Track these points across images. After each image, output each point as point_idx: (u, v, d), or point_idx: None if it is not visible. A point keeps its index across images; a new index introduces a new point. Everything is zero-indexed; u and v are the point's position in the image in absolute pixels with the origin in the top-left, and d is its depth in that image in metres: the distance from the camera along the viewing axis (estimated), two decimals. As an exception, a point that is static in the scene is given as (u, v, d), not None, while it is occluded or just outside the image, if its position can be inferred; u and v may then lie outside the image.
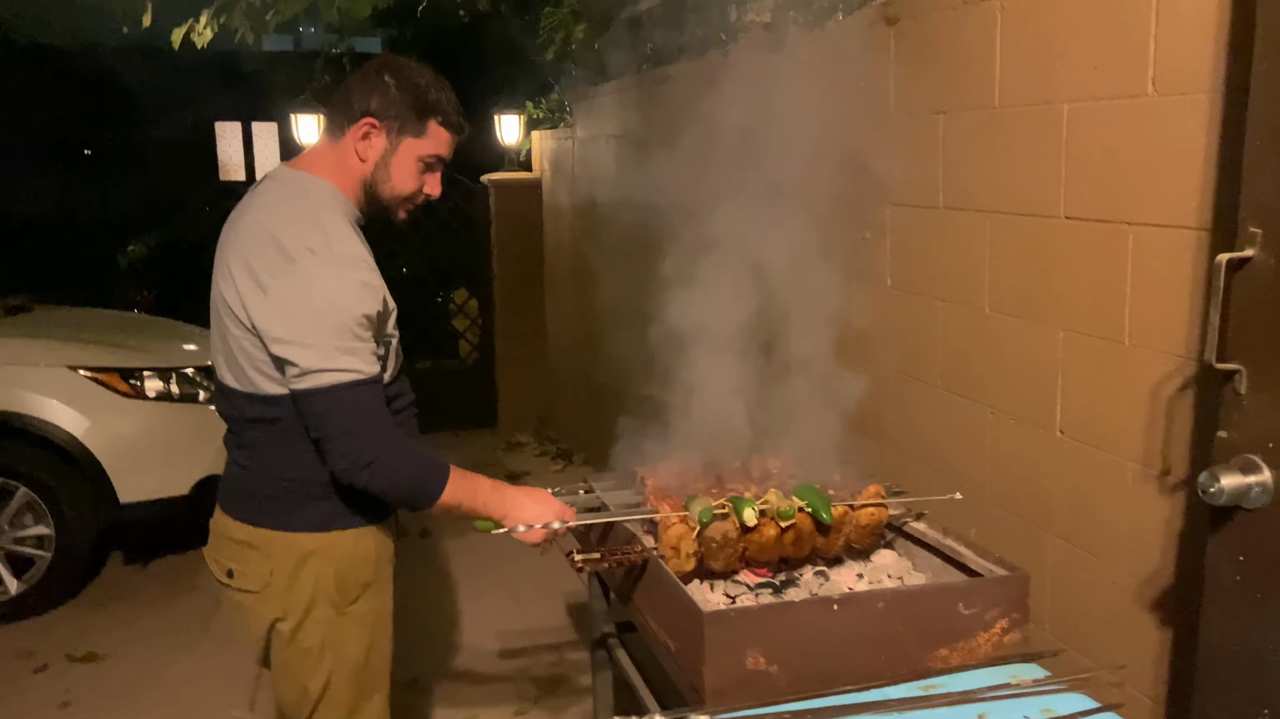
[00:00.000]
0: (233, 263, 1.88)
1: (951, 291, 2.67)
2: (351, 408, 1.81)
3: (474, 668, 3.72)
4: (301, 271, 1.80)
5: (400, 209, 2.03)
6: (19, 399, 4.10)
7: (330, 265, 1.82)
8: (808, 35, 3.30)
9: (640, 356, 2.74)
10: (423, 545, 4.92)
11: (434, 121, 1.95)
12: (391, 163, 1.95)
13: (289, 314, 1.80)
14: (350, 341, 1.81)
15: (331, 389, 1.79)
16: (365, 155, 1.94)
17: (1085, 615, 2.27)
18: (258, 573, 1.96)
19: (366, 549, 2.01)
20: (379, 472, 1.83)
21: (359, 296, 1.82)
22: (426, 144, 1.96)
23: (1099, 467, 2.19)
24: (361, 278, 1.84)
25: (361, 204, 2.00)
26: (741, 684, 1.66)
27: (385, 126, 1.93)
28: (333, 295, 1.80)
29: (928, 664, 1.76)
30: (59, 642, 3.94)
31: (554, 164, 6.73)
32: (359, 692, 2.05)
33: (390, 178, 1.96)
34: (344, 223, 1.91)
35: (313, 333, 1.79)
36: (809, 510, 2.00)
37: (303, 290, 1.80)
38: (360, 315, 1.82)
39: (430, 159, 1.99)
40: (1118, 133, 2.07)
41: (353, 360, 1.81)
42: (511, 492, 2.03)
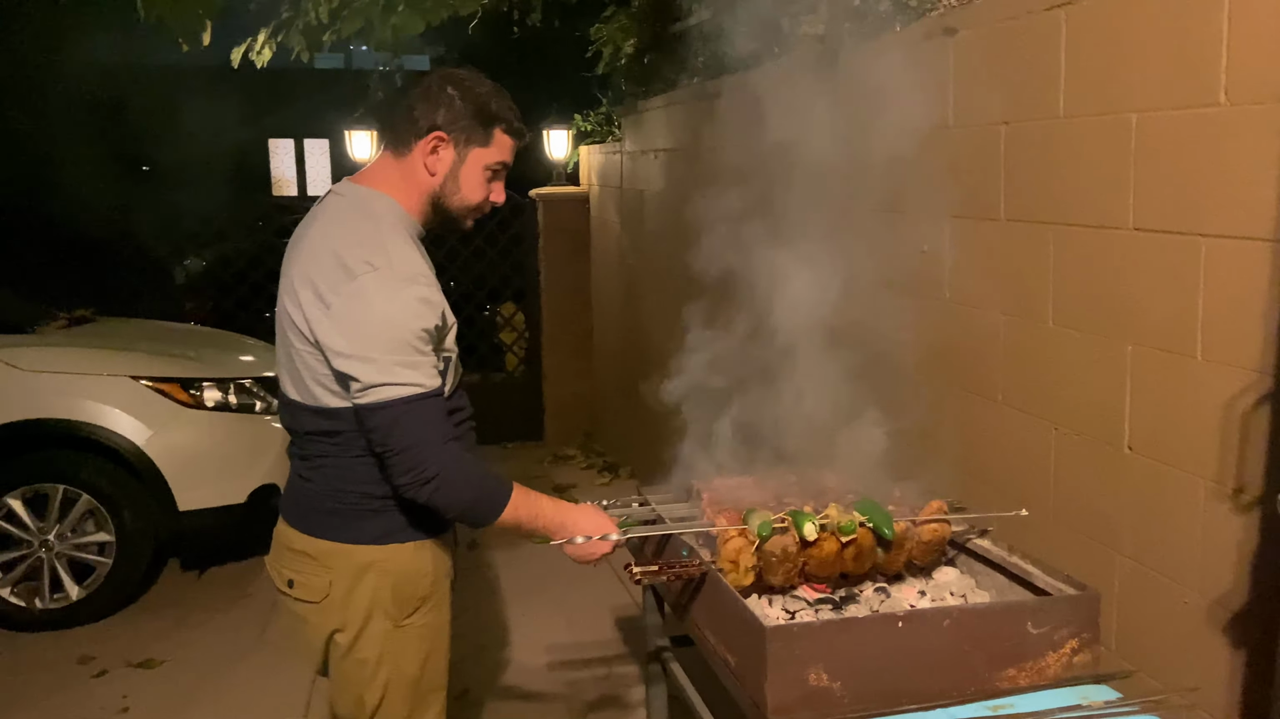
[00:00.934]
0: (297, 278, 1.90)
1: (1013, 305, 2.63)
2: (413, 422, 1.82)
3: (523, 682, 3.72)
4: (362, 287, 1.82)
5: (468, 219, 2.05)
6: (83, 408, 4.19)
7: (390, 281, 1.83)
8: (863, 47, 3.28)
9: (689, 370, 2.73)
10: (472, 558, 4.94)
11: (499, 130, 1.97)
12: (461, 174, 1.97)
13: (350, 329, 1.82)
14: (411, 356, 1.82)
15: (393, 404, 1.81)
16: (434, 169, 1.96)
17: (1154, 637, 2.21)
18: (317, 584, 1.98)
19: (424, 563, 2.02)
20: (442, 487, 1.84)
21: (418, 312, 1.84)
22: (492, 152, 1.98)
23: (1169, 484, 2.13)
24: (421, 293, 1.86)
25: (426, 217, 2.02)
26: (804, 701, 1.63)
27: (453, 139, 1.95)
28: (392, 311, 1.82)
29: (995, 684, 1.73)
30: (118, 647, 4.01)
31: (602, 178, 6.76)
32: (414, 704, 2.05)
33: (460, 189, 1.98)
34: (405, 239, 1.92)
35: (374, 347, 1.80)
36: (870, 526, 1.98)
37: (363, 306, 1.81)
38: (420, 330, 1.83)
39: (496, 167, 2.01)
40: (1189, 143, 2.03)
41: (413, 374, 1.82)
42: (571, 511, 2.03)
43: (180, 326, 5.79)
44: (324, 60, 20.58)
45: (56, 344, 4.52)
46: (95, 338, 4.78)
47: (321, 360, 1.88)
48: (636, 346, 5.88)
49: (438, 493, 1.84)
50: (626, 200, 6.21)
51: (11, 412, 4.10)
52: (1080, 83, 2.33)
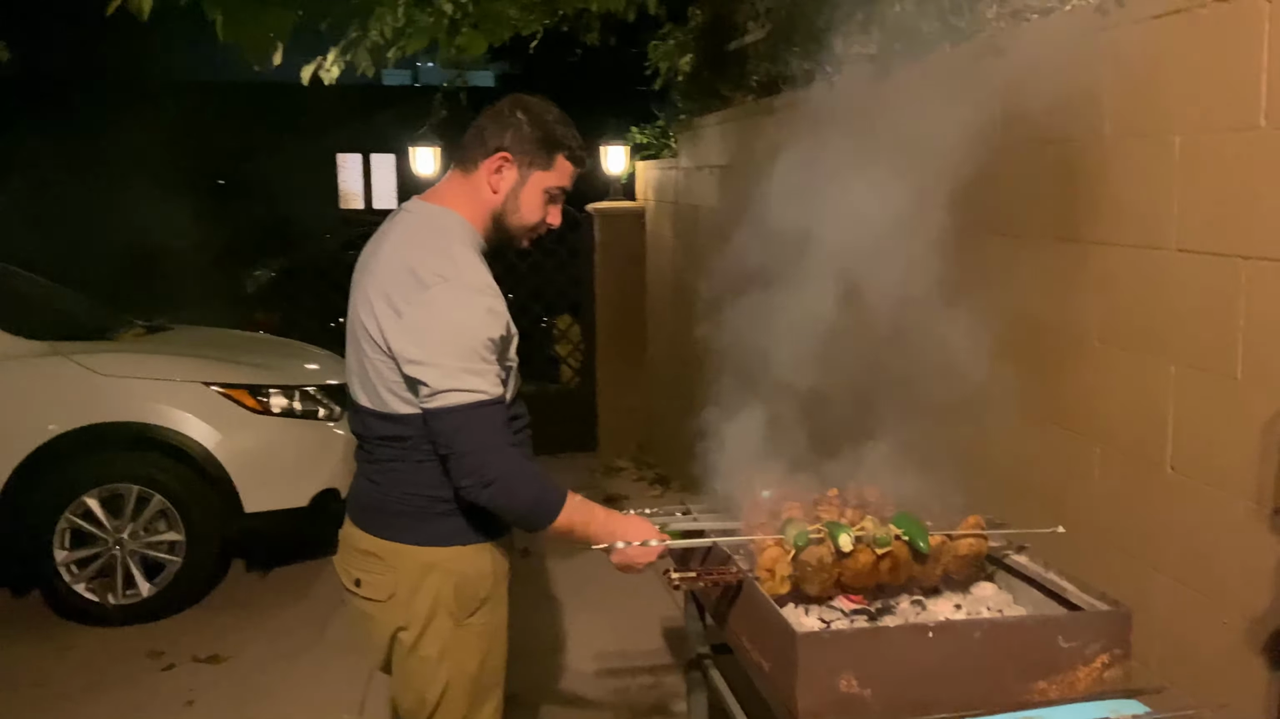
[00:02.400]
0: (371, 290, 2.01)
1: (1057, 323, 2.64)
2: (477, 427, 1.91)
3: (572, 687, 3.79)
4: (433, 298, 1.91)
5: (524, 238, 2.14)
6: (157, 412, 4.38)
7: (460, 292, 1.93)
8: (913, 66, 3.32)
9: (741, 384, 2.79)
10: (524, 565, 5.03)
11: (561, 156, 2.07)
12: (521, 194, 2.07)
13: (421, 337, 1.91)
14: (477, 364, 1.91)
15: (459, 409, 1.90)
16: (497, 188, 2.06)
17: (1194, 655, 2.21)
18: (383, 583, 2.07)
19: (484, 564, 2.10)
20: (501, 490, 1.92)
21: (485, 322, 1.93)
22: (553, 176, 2.08)
23: (1210, 504, 2.14)
24: (488, 304, 1.95)
25: (489, 234, 2.11)
26: (834, 707, 1.68)
27: (517, 161, 2.05)
28: (461, 320, 1.91)
29: (1025, 697, 1.76)
30: (185, 643, 4.17)
31: (658, 193, 6.85)
32: (473, 700, 2.13)
33: (519, 208, 2.08)
34: (473, 252, 2.02)
35: (443, 354, 1.90)
36: (906, 539, 2.02)
37: (434, 315, 1.91)
38: (486, 339, 1.92)
39: (555, 191, 2.10)
40: (1231, 165, 2.04)
41: (479, 381, 1.91)
42: (621, 520, 2.09)
43: (249, 335, 6.00)
44: (391, 77, 21.01)
45: (132, 350, 4.73)
46: (169, 345, 4.98)
47: (393, 368, 1.98)
48: (690, 359, 5.94)
49: (498, 495, 1.93)
50: (681, 215, 6.29)
51: (90, 414, 4.30)
52: (1125, 105, 2.35)
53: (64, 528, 4.32)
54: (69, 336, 4.62)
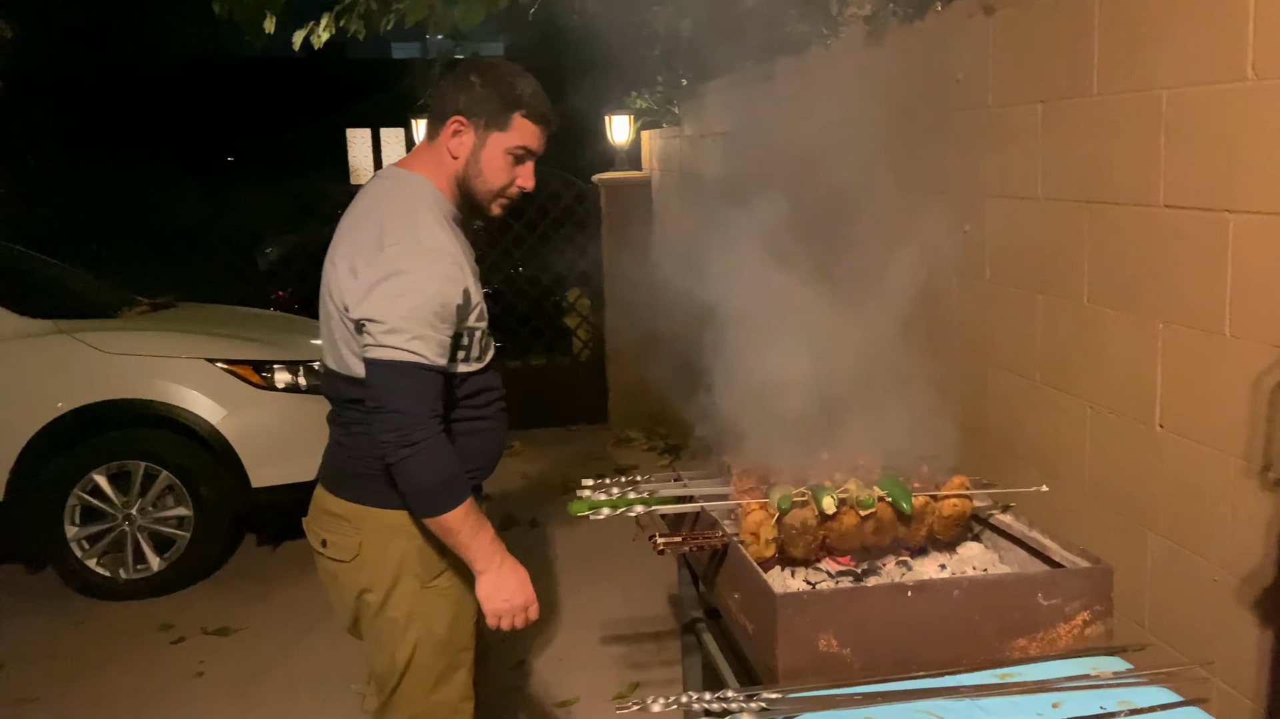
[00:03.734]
0: (337, 253, 2.03)
1: (1051, 284, 2.62)
2: (410, 388, 1.91)
3: (576, 653, 3.83)
4: (388, 258, 1.92)
5: (493, 203, 2.11)
6: (162, 389, 4.42)
7: (413, 254, 1.93)
8: (907, 27, 3.28)
9: (740, 351, 2.78)
10: (532, 535, 5.08)
11: (518, 115, 2.03)
12: (481, 157, 2.05)
13: (372, 294, 1.92)
14: (422, 328, 1.91)
15: (395, 364, 1.90)
16: (457, 152, 2.05)
17: (1185, 613, 2.21)
18: (348, 544, 2.10)
19: None
20: (416, 457, 1.91)
21: (438, 287, 1.93)
22: (513, 136, 2.04)
23: (1200, 462, 2.13)
24: (443, 270, 1.95)
25: (457, 200, 2.10)
26: (814, 665, 1.69)
27: (473, 123, 2.03)
28: (412, 282, 1.91)
29: (1006, 654, 1.76)
30: (195, 616, 4.23)
31: (663, 162, 6.81)
32: (444, 662, 2.15)
33: (481, 172, 2.06)
34: (435, 217, 2.01)
35: (389, 313, 1.90)
36: (889, 500, 2.02)
37: (386, 274, 1.92)
38: (438, 304, 1.92)
39: (518, 151, 2.06)
40: (1217, 119, 2.01)
41: (421, 345, 1.91)
42: (502, 557, 2.02)
43: (254, 311, 6.03)
44: (400, 50, 20.97)
45: (137, 328, 4.76)
46: (174, 322, 5.01)
47: (353, 328, 1.99)
48: (695, 329, 5.93)
49: (410, 460, 1.91)
50: (687, 183, 6.26)
51: (96, 392, 4.35)
52: (1112, 60, 2.32)
53: (74, 504, 4.39)
54: (75, 315, 4.66)
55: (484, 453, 2.20)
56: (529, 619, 2.06)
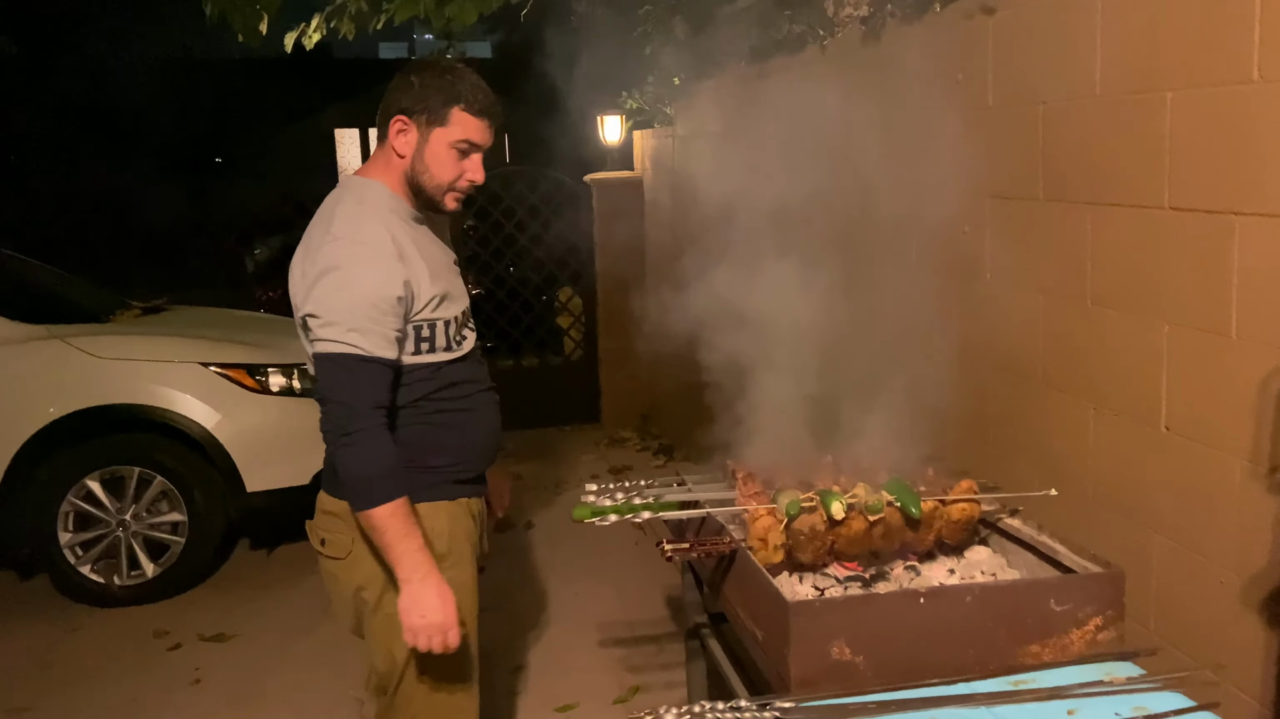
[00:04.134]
0: (296, 259, 2.10)
1: (1052, 285, 2.62)
2: (348, 380, 1.95)
3: (575, 657, 3.81)
4: (324, 255, 1.99)
5: (445, 197, 2.14)
6: (156, 393, 4.37)
7: (348, 249, 1.99)
8: (905, 28, 3.27)
9: (737, 353, 2.77)
10: (528, 537, 5.06)
11: (457, 109, 2.07)
12: (426, 153, 2.09)
13: (312, 290, 1.98)
14: (359, 320, 1.95)
15: (334, 357, 1.96)
16: (403, 151, 2.10)
17: (1191, 616, 2.21)
18: (342, 542, 2.14)
19: (439, 524, 2.14)
20: (349, 449, 1.95)
21: (372, 280, 1.97)
22: (455, 131, 2.08)
23: (1206, 464, 2.13)
24: (378, 263, 1.99)
25: (411, 199, 2.15)
26: (827, 674, 1.68)
27: (415, 121, 2.08)
28: (346, 276, 1.97)
29: (1018, 660, 1.76)
30: (191, 622, 4.20)
31: (655, 162, 6.80)
32: (444, 659, 2.14)
33: (428, 168, 2.10)
34: (379, 215, 2.07)
35: (326, 307, 1.96)
36: (898, 505, 2.01)
37: (323, 271, 1.98)
38: (377, 296, 1.96)
39: (462, 145, 2.09)
40: (1223, 120, 2.01)
41: (359, 338, 1.95)
42: (426, 571, 2.00)
43: (247, 314, 5.99)
44: (388, 50, 20.88)
45: (130, 332, 4.71)
46: (167, 326, 4.97)
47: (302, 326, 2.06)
48: (689, 330, 5.92)
49: (346, 450, 1.96)
50: (679, 183, 6.24)
51: (89, 397, 4.29)
52: (1116, 61, 2.31)
53: (67, 511, 4.34)
54: (66, 319, 4.62)
55: (468, 445, 2.22)
56: (447, 645, 2.01)
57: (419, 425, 2.13)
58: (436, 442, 2.16)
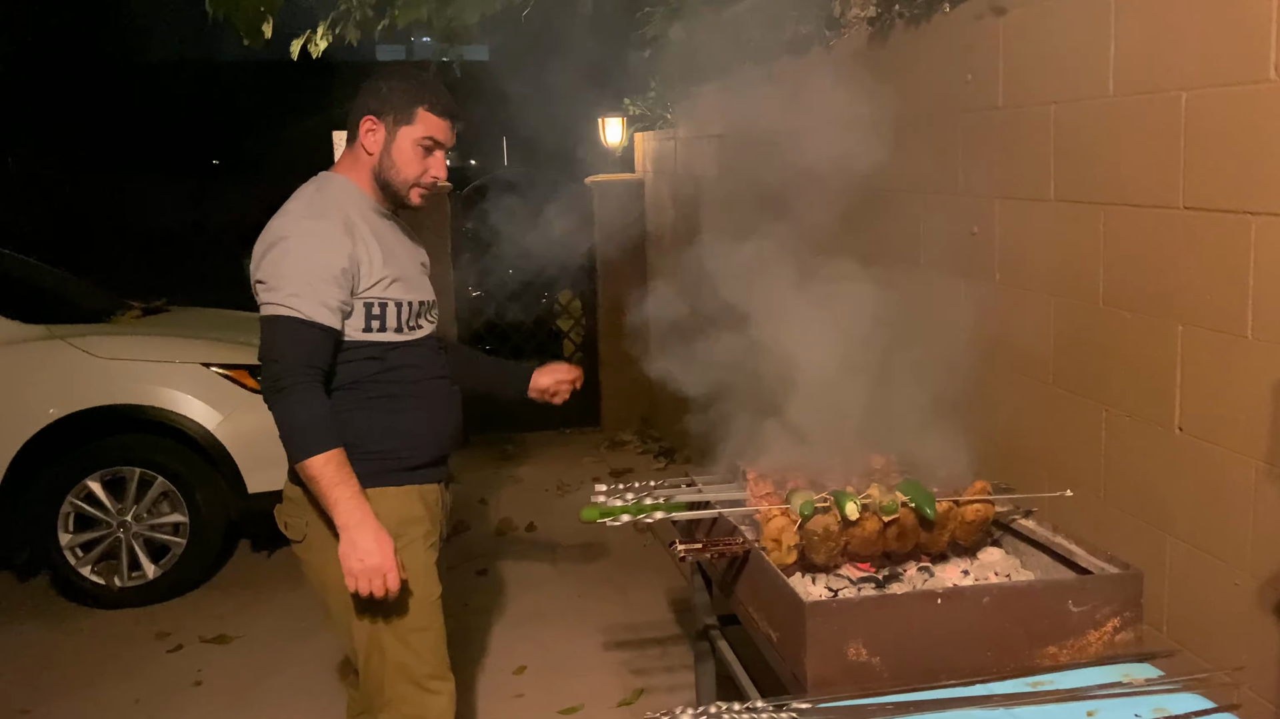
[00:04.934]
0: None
1: (1063, 286, 2.61)
2: (284, 340, 2.06)
3: (578, 660, 3.79)
4: (276, 226, 2.14)
5: (410, 193, 2.26)
6: (157, 394, 4.35)
7: (294, 222, 2.13)
8: (913, 28, 3.27)
9: (742, 355, 2.76)
10: (529, 539, 5.04)
11: (422, 109, 2.21)
12: (393, 150, 2.22)
13: (261, 261, 2.12)
14: (299, 285, 2.06)
15: (275, 319, 2.07)
16: (371, 148, 2.23)
17: (1206, 617, 2.20)
18: (298, 525, 2.23)
19: (387, 508, 2.17)
20: (281, 402, 2.05)
21: (315, 248, 2.09)
22: (419, 129, 2.22)
23: (1221, 465, 2.12)
24: (323, 234, 2.10)
25: (379, 194, 2.27)
26: (843, 674, 1.67)
27: (383, 121, 2.22)
28: (291, 245, 2.09)
29: (1036, 661, 1.74)
30: (192, 624, 4.17)
31: (656, 164, 6.79)
32: (401, 642, 2.22)
33: (394, 164, 2.22)
34: (335, 199, 2.19)
35: (270, 273, 2.09)
36: (912, 506, 2.00)
37: (271, 243, 2.12)
38: (319, 264, 2.07)
39: (426, 142, 2.23)
40: (1239, 120, 2.00)
41: (299, 302, 2.05)
42: (362, 516, 2.06)
43: (247, 315, 5.93)
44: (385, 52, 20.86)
45: (131, 333, 4.69)
46: (168, 327, 4.95)
47: None
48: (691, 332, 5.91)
49: (277, 405, 2.06)
50: (681, 186, 6.24)
51: (90, 398, 4.27)
52: (1129, 61, 2.30)
53: (67, 512, 4.31)
54: (67, 320, 4.59)
55: (418, 432, 2.27)
56: (389, 588, 2.08)
57: (364, 408, 2.20)
58: (382, 426, 2.22)
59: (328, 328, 2.09)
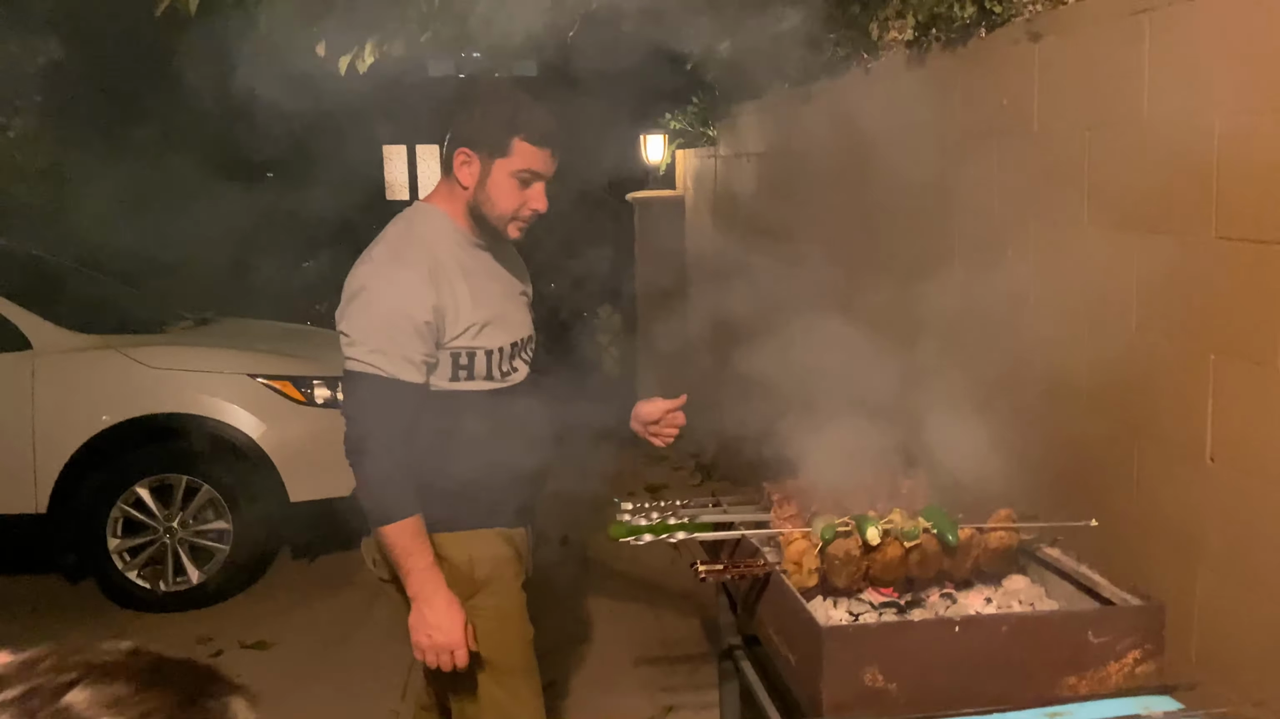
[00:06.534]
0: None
1: (1097, 311, 2.60)
2: (365, 398, 2.00)
3: (610, 677, 3.81)
4: (360, 275, 2.05)
5: (509, 226, 2.14)
6: (204, 404, 4.47)
7: (379, 272, 2.04)
8: (949, 53, 3.27)
9: (778, 372, 2.78)
10: (562, 553, 5.07)
11: (519, 140, 2.07)
12: (488, 184, 2.09)
13: (345, 310, 2.05)
14: (382, 342, 1.98)
15: (355, 375, 2.01)
16: (466, 182, 2.11)
17: (1237, 650, 2.17)
18: (386, 562, 2.13)
19: (474, 551, 2.15)
20: (360, 464, 2.00)
21: (397, 302, 2.00)
22: (516, 161, 2.08)
23: (1252, 495, 2.10)
24: (406, 287, 2.01)
25: (474, 227, 2.16)
26: (859, 700, 1.68)
27: (478, 153, 2.09)
28: (375, 297, 2.01)
29: (1055, 692, 1.74)
30: (233, 629, 4.26)
31: (696, 181, 6.83)
32: (493, 681, 2.18)
33: (490, 198, 2.10)
34: (424, 240, 2.09)
35: (353, 327, 2.02)
36: (934, 532, 2.00)
37: (355, 292, 2.04)
38: (399, 319, 1.99)
39: (524, 175, 2.09)
40: (1270, 147, 1.99)
41: (381, 359, 1.98)
42: (434, 590, 2.03)
43: (294, 327, 6.09)
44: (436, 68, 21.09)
45: (180, 343, 4.83)
46: (216, 338, 5.08)
47: None
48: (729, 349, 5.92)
49: (358, 467, 2.01)
50: (720, 203, 6.27)
51: (140, 406, 4.40)
52: (1163, 87, 2.30)
53: (116, 516, 4.44)
54: (121, 330, 4.73)
55: (506, 480, 2.20)
56: (456, 663, 2.04)
57: (452, 456, 2.12)
58: (472, 474, 2.14)
59: (412, 384, 2.01)
